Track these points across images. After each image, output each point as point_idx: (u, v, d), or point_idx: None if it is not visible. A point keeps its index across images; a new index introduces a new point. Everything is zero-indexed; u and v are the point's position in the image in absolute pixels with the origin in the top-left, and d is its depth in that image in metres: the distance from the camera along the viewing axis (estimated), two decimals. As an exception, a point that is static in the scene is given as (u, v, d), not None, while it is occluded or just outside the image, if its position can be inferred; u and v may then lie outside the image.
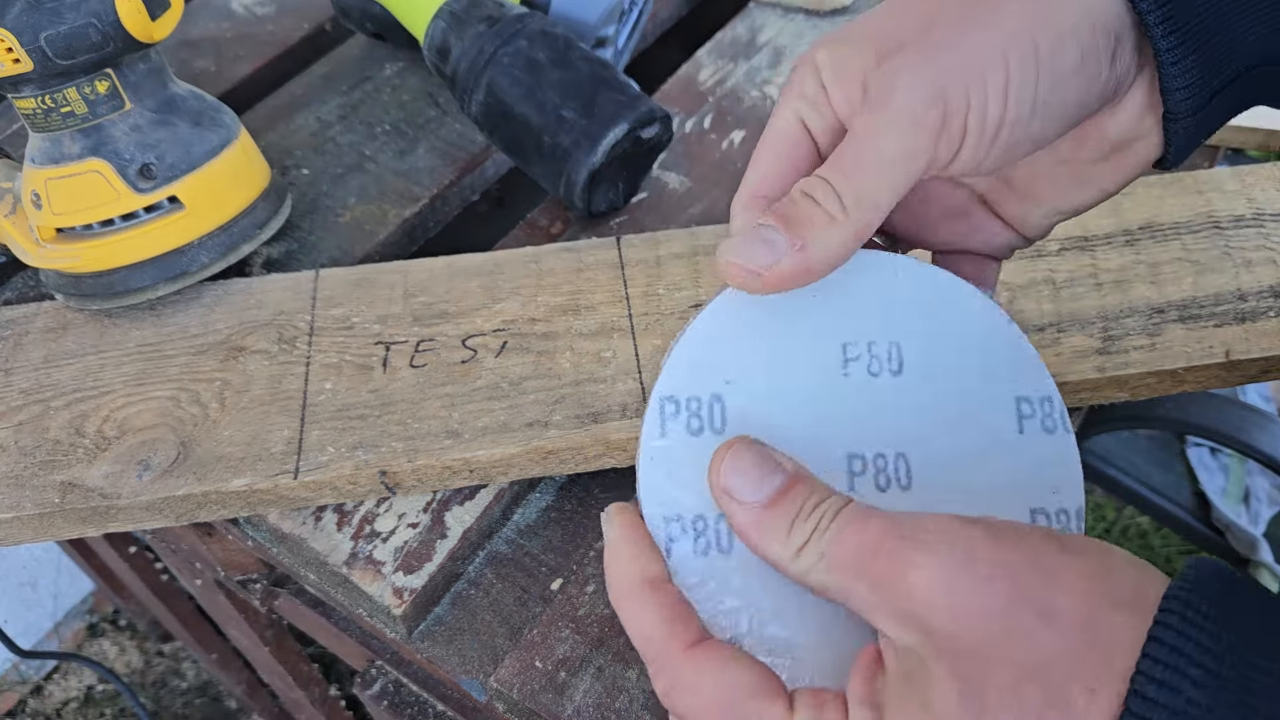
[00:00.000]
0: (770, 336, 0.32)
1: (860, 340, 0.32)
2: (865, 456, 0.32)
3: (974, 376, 0.33)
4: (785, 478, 0.28)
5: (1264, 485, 1.01)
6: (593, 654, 0.40)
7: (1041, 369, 0.33)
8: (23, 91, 0.46)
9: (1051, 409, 0.33)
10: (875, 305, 0.33)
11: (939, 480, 0.32)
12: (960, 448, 0.32)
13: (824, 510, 0.27)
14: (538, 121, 0.51)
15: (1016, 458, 0.33)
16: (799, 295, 0.32)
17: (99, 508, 0.43)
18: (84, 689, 1.22)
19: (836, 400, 0.32)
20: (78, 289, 0.49)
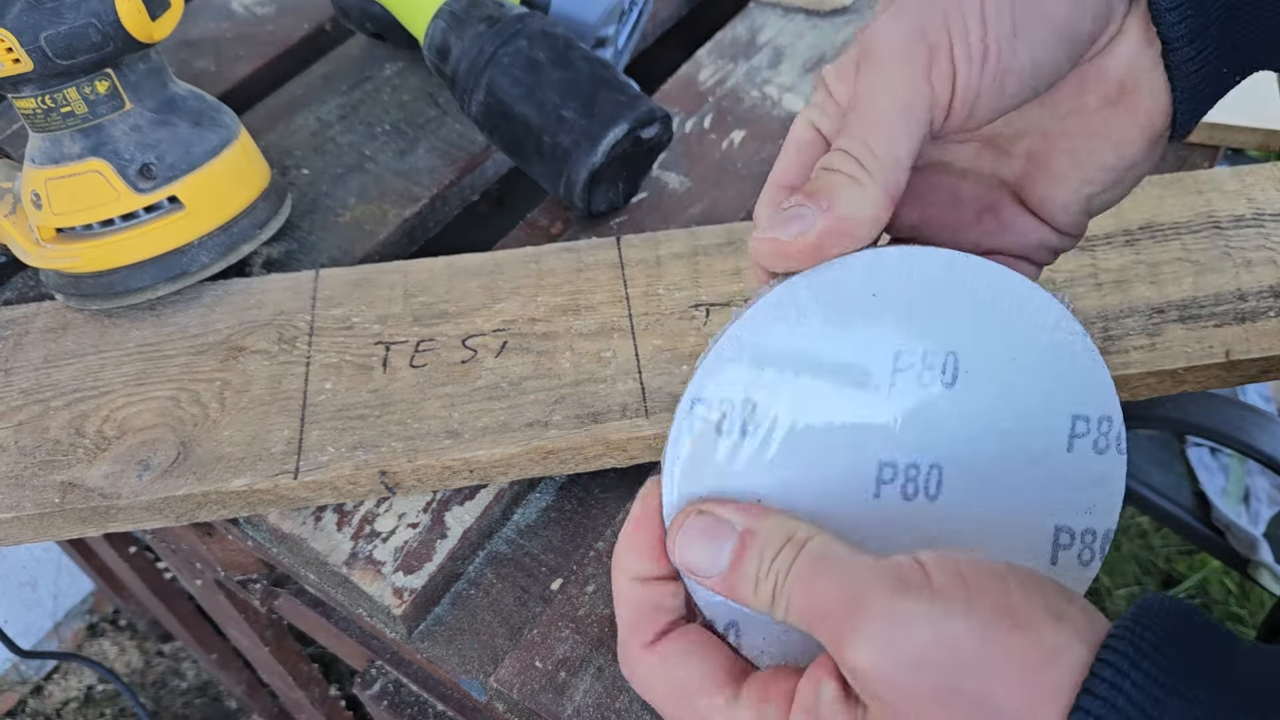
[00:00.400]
0: (817, 338, 0.31)
1: (914, 349, 0.31)
2: (898, 465, 0.31)
3: (1033, 390, 0.32)
4: (735, 540, 0.28)
5: (1264, 485, 1.01)
6: (593, 654, 0.40)
7: (1108, 385, 0.32)
8: (23, 91, 0.46)
9: (1109, 429, 0.32)
10: (937, 310, 0.31)
11: (969, 493, 0.32)
12: (1000, 461, 0.32)
13: (779, 565, 0.27)
14: (538, 121, 0.51)
15: (1056, 475, 0.32)
16: (853, 300, 0.30)
17: (99, 508, 0.43)
18: (84, 689, 1.22)
19: (878, 408, 0.31)
20: (78, 289, 0.49)
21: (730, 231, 0.50)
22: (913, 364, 0.31)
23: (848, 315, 0.31)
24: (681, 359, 0.45)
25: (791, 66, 0.64)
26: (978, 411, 0.32)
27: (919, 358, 0.31)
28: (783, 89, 0.62)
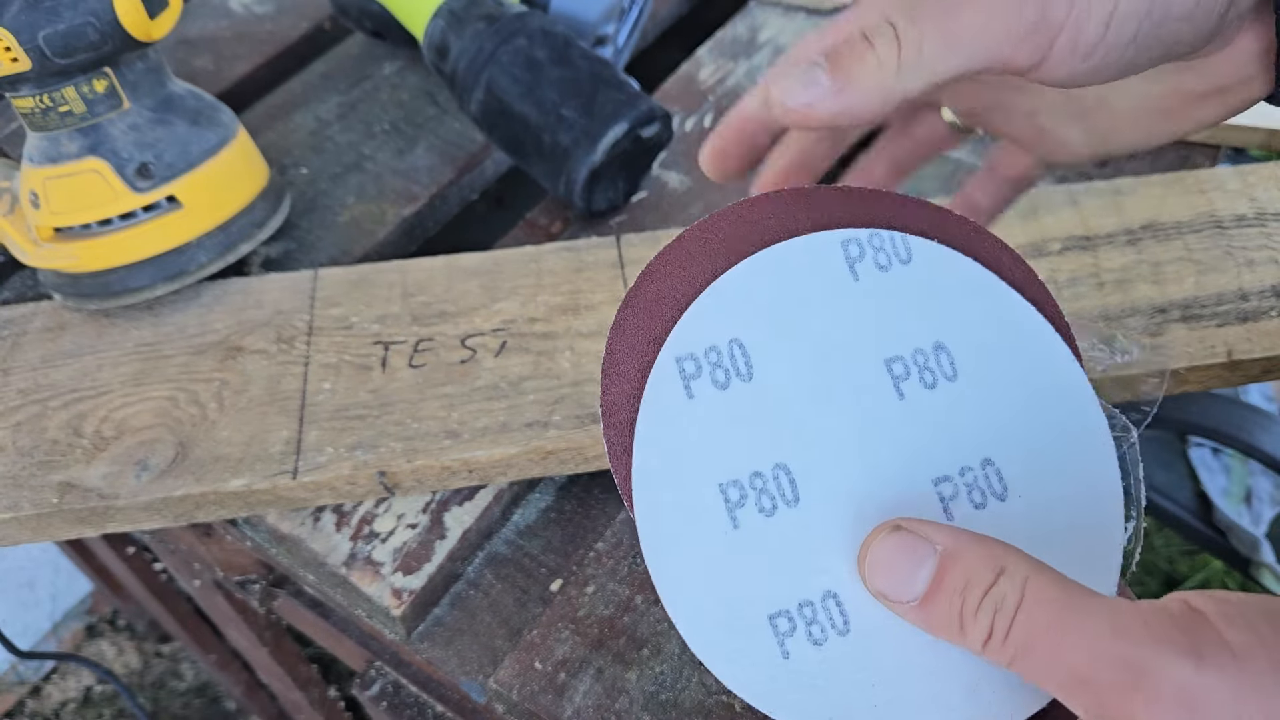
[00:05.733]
0: (804, 357, 0.29)
1: (905, 351, 0.29)
2: (951, 476, 0.28)
3: (1033, 366, 0.30)
4: (933, 565, 0.25)
5: (1266, 486, 1.00)
6: (592, 655, 0.40)
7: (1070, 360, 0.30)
8: (21, 90, 0.46)
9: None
10: (907, 305, 0.29)
11: (1033, 482, 0.29)
12: (1042, 440, 0.29)
13: (997, 600, 0.24)
14: (537, 120, 0.51)
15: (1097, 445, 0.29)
16: (828, 304, 0.29)
17: (97, 508, 0.43)
18: (82, 690, 1.22)
19: (897, 426, 0.29)
20: (76, 289, 0.48)
21: (730, 231, 0.50)
22: (909, 368, 0.29)
23: (829, 326, 0.29)
24: (682, 359, 0.45)
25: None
26: (991, 398, 0.29)
27: (910, 359, 0.29)
28: (783, 88, 0.62)
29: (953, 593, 0.24)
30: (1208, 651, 0.21)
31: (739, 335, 0.28)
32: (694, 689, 0.38)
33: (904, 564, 0.25)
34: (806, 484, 0.28)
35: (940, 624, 0.25)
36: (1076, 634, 0.22)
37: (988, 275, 0.30)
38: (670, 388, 0.28)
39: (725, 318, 0.29)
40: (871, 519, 0.27)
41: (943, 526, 0.26)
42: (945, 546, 0.25)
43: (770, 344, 0.29)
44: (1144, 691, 0.21)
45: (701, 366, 0.28)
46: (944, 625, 0.25)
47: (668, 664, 0.39)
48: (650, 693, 0.38)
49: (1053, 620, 0.23)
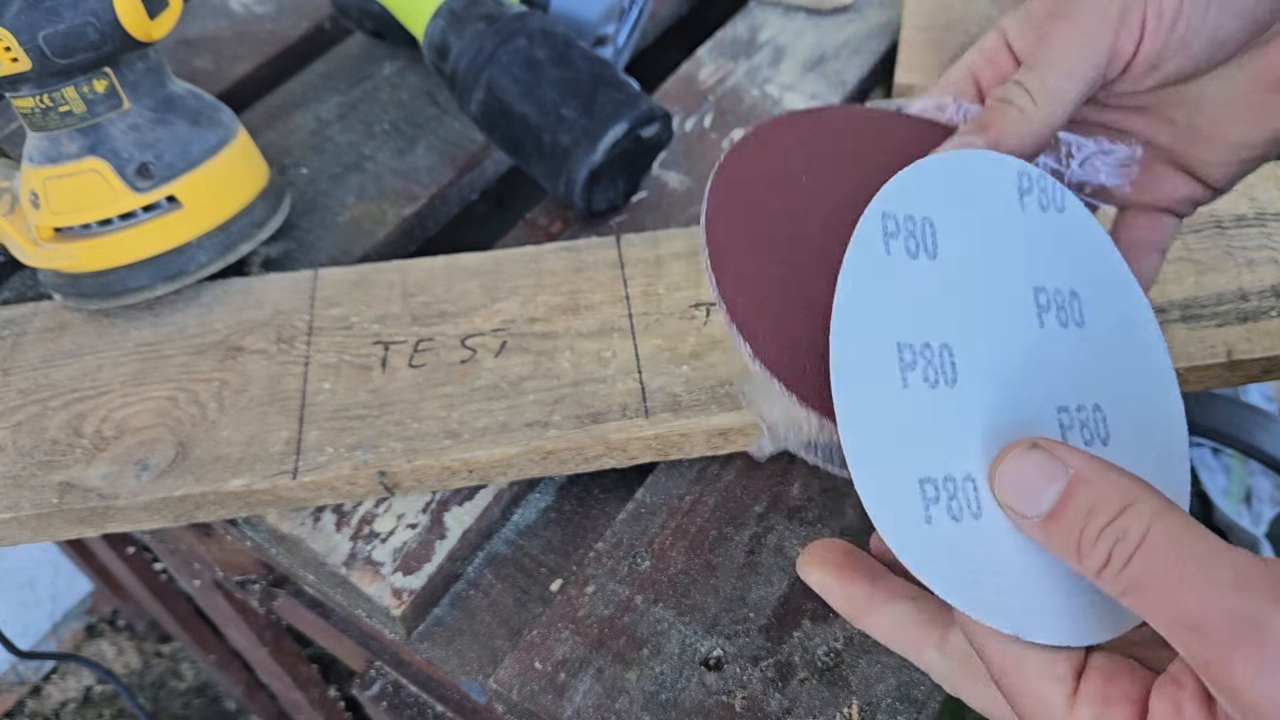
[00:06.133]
0: (965, 246, 0.31)
1: (1048, 287, 0.32)
2: (1069, 409, 0.30)
3: (1133, 333, 0.33)
4: (1062, 485, 0.26)
5: (1266, 486, 1.00)
6: (592, 655, 0.40)
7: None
8: (21, 90, 0.46)
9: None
10: (1056, 247, 0.32)
11: (1127, 436, 0.31)
12: (1136, 401, 0.31)
13: (1120, 531, 0.24)
14: (537, 120, 0.51)
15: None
16: (999, 219, 0.31)
17: (97, 508, 0.43)
18: (82, 690, 1.22)
19: (1035, 348, 0.31)
20: (76, 289, 0.48)
21: (730, 231, 0.50)
22: (1049, 303, 0.32)
23: (989, 237, 0.31)
24: (681, 359, 0.45)
25: (792, 65, 0.63)
26: (1110, 350, 0.32)
27: (1052, 296, 0.32)
28: (783, 88, 0.62)
29: (1076, 515, 0.25)
30: None
31: (931, 214, 0.31)
32: (694, 689, 0.38)
33: (1034, 480, 0.26)
34: (964, 369, 0.29)
35: (1059, 544, 0.26)
36: (1196, 580, 0.23)
37: (1112, 246, 0.34)
38: (873, 237, 0.29)
39: (923, 193, 0.31)
40: (1007, 423, 0.29)
41: (1079, 451, 0.26)
42: (1078, 470, 0.26)
43: (953, 232, 0.31)
44: (1260, 646, 0.21)
45: (900, 229, 0.30)
46: (1062, 546, 0.25)
47: (667, 664, 0.39)
48: (650, 693, 0.38)
49: (1173, 563, 0.23)
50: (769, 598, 0.41)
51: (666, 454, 0.44)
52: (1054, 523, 0.26)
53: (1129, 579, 0.24)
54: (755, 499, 0.44)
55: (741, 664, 0.39)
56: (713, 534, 0.43)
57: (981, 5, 0.64)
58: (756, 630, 0.40)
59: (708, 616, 0.40)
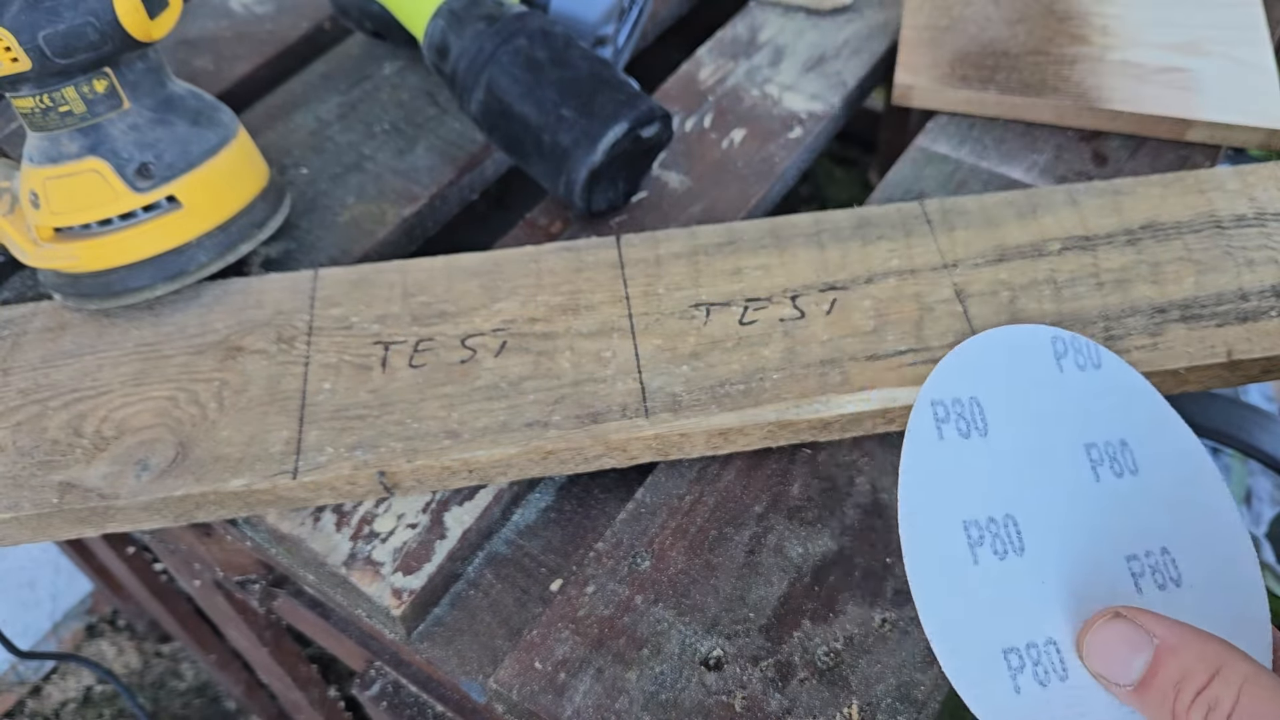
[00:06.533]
0: (1020, 424, 0.33)
1: (1099, 440, 0.33)
2: (1139, 556, 0.31)
3: (1189, 472, 0.34)
4: (1150, 655, 0.26)
5: (1265, 485, 1.00)
6: (592, 655, 0.40)
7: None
8: (21, 90, 0.46)
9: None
10: (1099, 402, 0.34)
11: (1206, 573, 0.32)
12: (1202, 538, 0.32)
13: (1213, 698, 0.25)
14: (537, 120, 0.51)
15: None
16: (1041, 386, 0.34)
17: (97, 508, 0.43)
18: (83, 690, 1.22)
19: (1096, 502, 0.32)
20: (76, 289, 0.48)
21: (730, 231, 0.50)
22: (1101, 457, 0.33)
23: (1039, 406, 0.33)
24: (681, 359, 0.45)
25: (792, 65, 0.63)
26: (1168, 496, 0.33)
27: (1103, 450, 0.33)
28: (783, 88, 0.62)
29: (1167, 685, 0.26)
30: None
31: (977, 394, 0.33)
32: (694, 689, 0.38)
33: (1121, 650, 0.27)
34: (1031, 537, 0.31)
35: (1154, 712, 0.26)
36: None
37: (1151, 389, 0.35)
38: (926, 425, 0.32)
39: (966, 376, 0.33)
40: (1081, 580, 0.31)
41: (1161, 618, 0.27)
42: (1162, 639, 0.26)
43: (1000, 407, 0.33)
44: None
45: (950, 413, 0.33)
46: (1157, 714, 0.26)
47: (667, 664, 0.39)
48: (650, 692, 0.38)
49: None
50: (769, 598, 0.41)
51: (666, 454, 0.44)
52: (1146, 692, 0.26)
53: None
54: (755, 499, 0.44)
55: (741, 664, 0.39)
56: (713, 534, 0.43)
57: (981, 5, 0.65)
58: (756, 630, 0.40)
59: (708, 616, 0.40)
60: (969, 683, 0.28)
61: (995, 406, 0.33)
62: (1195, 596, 0.31)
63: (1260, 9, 0.62)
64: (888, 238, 0.49)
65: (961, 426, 0.32)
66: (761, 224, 0.51)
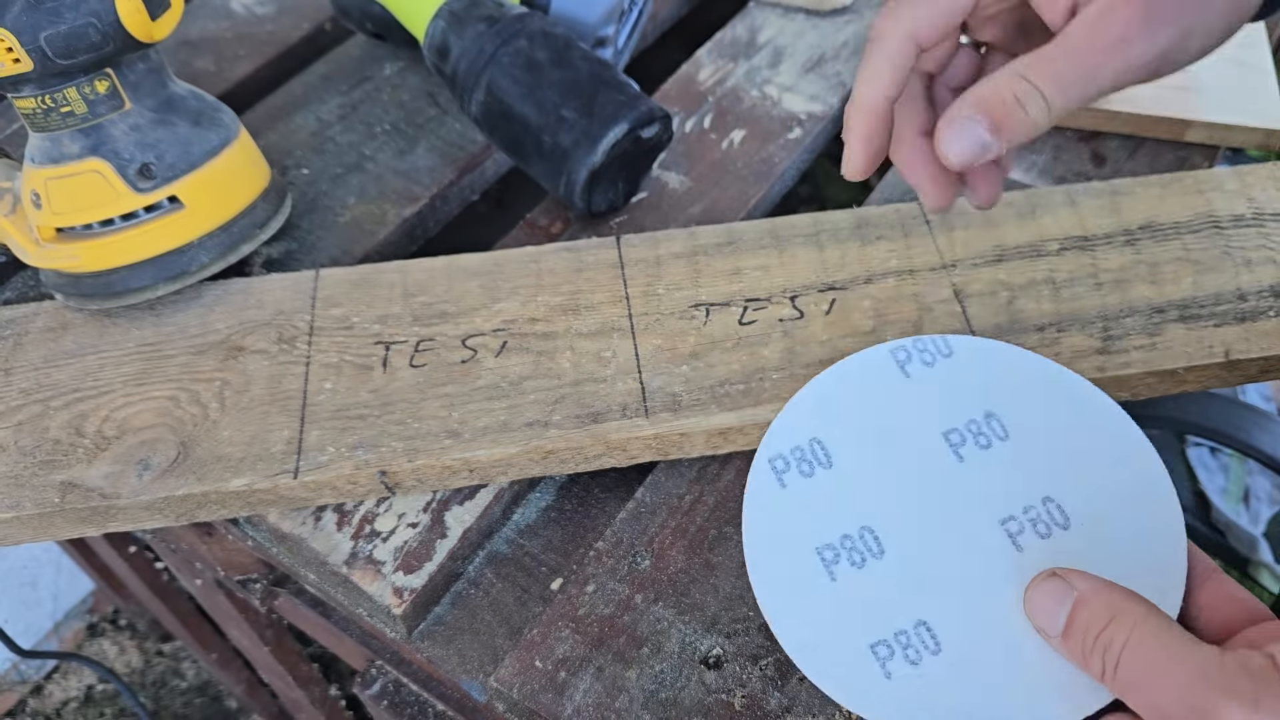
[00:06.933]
0: (873, 444, 0.36)
1: (959, 423, 0.35)
2: (1016, 515, 0.34)
3: (1072, 413, 0.36)
4: (1070, 605, 0.29)
5: (1264, 485, 1.00)
6: (593, 654, 0.40)
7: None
8: (22, 91, 0.46)
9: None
10: (955, 387, 0.36)
11: (1092, 510, 0.34)
12: (1093, 472, 0.34)
13: (1107, 640, 0.28)
14: (537, 121, 0.51)
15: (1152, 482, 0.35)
16: (887, 399, 0.36)
17: (99, 508, 0.43)
18: (84, 689, 1.22)
19: (961, 483, 0.35)
20: (77, 289, 0.48)
21: (730, 231, 0.50)
22: (965, 437, 0.35)
23: (890, 411, 0.36)
24: (681, 359, 0.45)
25: (791, 66, 0.64)
26: (1046, 451, 0.35)
27: (964, 429, 0.35)
28: (783, 89, 0.62)
29: (1079, 632, 0.29)
30: (1266, 702, 0.24)
31: (817, 435, 0.36)
32: (694, 688, 0.39)
33: (1050, 604, 0.30)
34: (889, 538, 0.33)
35: (1074, 657, 0.29)
36: (1167, 678, 0.26)
37: (1016, 350, 0.37)
38: (765, 482, 0.35)
39: (805, 422, 0.36)
40: (954, 558, 0.33)
41: (1085, 575, 0.30)
42: (1080, 591, 0.29)
43: (844, 437, 0.36)
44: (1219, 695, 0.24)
45: (790, 463, 0.35)
46: (1076, 658, 0.29)
47: (667, 663, 0.39)
48: (650, 691, 0.39)
49: (1149, 665, 0.26)
50: (768, 597, 0.41)
51: (666, 453, 0.44)
52: (1067, 639, 0.29)
53: (1121, 682, 0.27)
54: (755, 498, 0.44)
55: (741, 662, 0.39)
56: (712, 533, 0.43)
57: (981, 6, 0.65)
58: (756, 629, 0.40)
59: (707, 615, 0.41)
60: (835, 683, 0.31)
61: (838, 438, 0.36)
62: (1087, 533, 0.33)
63: (1259, 9, 0.62)
64: (887, 238, 0.49)
65: (804, 469, 0.35)
66: (761, 224, 0.51)
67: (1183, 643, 0.27)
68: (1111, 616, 0.28)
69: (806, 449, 0.36)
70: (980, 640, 0.31)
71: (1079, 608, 0.29)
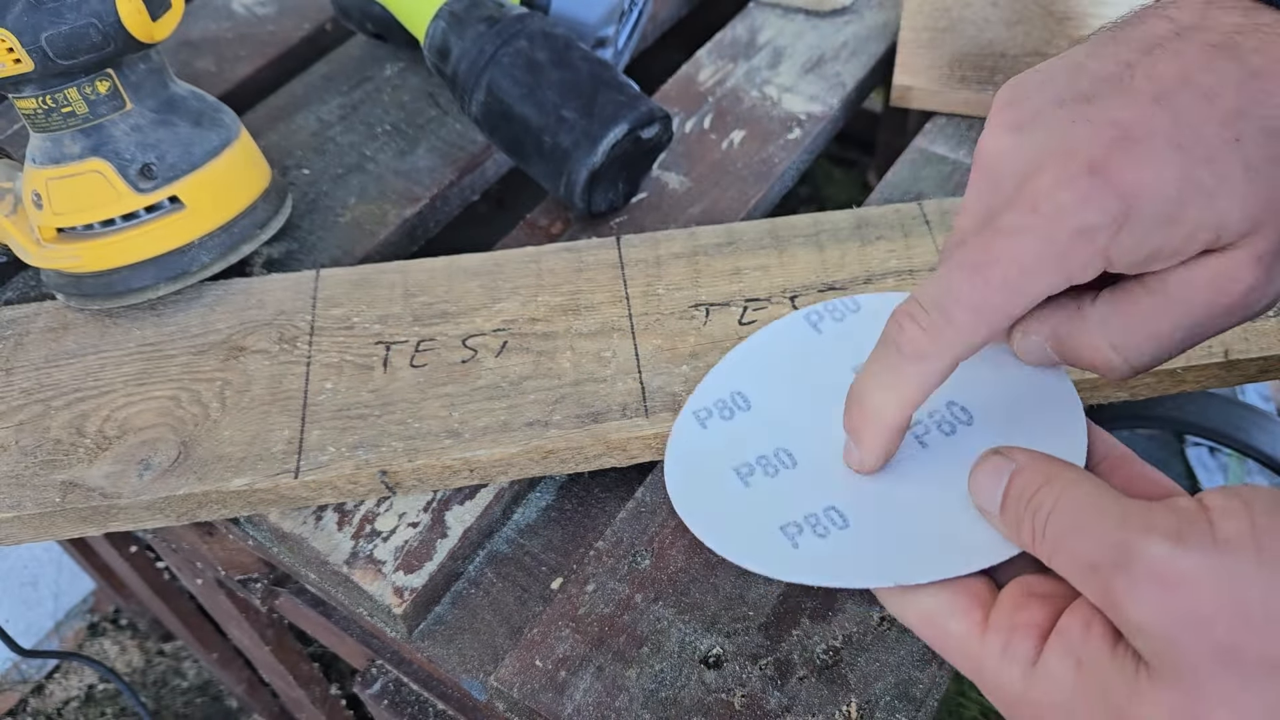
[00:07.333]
0: (789, 372, 0.38)
1: (862, 359, 0.35)
2: (922, 419, 0.35)
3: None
4: (1006, 478, 0.29)
5: (1263, 485, 1.01)
6: (593, 653, 0.40)
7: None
8: (24, 92, 0.46)
9: None
10: (865, 334, 0.36)
11: (1003, 404, 0.34)
12: (990, 371, 0.35)
13: (1037, 504, 0.27)
14: (538, 122, 0.51)
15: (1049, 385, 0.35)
16: (801, 352, 0.38)
17: (100, 507, 0.43)
18: (85, 688, 1.22)
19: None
20: (78, 289, 0.49)
21: (730, 231, 0.50)
22: None
23: (801, 352, 0.39)
24: (681, 359, 0.45)
25: (791, 67, 0.64)
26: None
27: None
28: (782, 89, 0.62)
29: (1012, 501, 0.28)
30: (1190, 536, 0.23)
31: (738, 388, 0.38)
32: (693, 687, 0.39)
33: (990, 481, 0.29)
34: (802, 453, 0.35)
35: (1010, 529, 0.28)
36: (1091, 528, 0.25)
37: (902, 297, 0.37)
38: (688, 427, 0.37)
39: (728, 378, 0.39)
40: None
41: (1024, 450, 0.29)
42: (1018, 463, 0.28)
43: (763, 385, 0.38)
44: (1127, 570, 0.24)
45: (712, 411, 0.38)
46: (1012, 530, 0.28)
47: (667, 662, 0.39)
48: (650, 690, 0.39)
49: (1076, 519, 0.26)
50: (768, 596, 0.41)
51: (666, 453, 0.44)
52: (1003, 511, 0.28)
53: (1049, 543, 0.26)
54: (754, 498, 0.44)
55: (741, 662, 0.39)
56: (712, 533, 0.43)
57: (980, 7, 0.65)
58: (756, 628, 0.40)
59: (707, 615, 0.41)
60: (747, 555, 0.32)
61: (757, 387, 0.38)
62: (989, 426, 0.34)
63: (1258, 10, 0.62)
64: (886, 238, 0.50)
65: (725, 414, 0.37)
66: (761, 225, 0.51)
67: (1110, 497, 0.26)
68: (1044, 481, 0.27)
69: (727, 399, 0.38)
70: (886, 515, 0.32)
71: (1014, 478, 0.28)
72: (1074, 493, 0.26)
